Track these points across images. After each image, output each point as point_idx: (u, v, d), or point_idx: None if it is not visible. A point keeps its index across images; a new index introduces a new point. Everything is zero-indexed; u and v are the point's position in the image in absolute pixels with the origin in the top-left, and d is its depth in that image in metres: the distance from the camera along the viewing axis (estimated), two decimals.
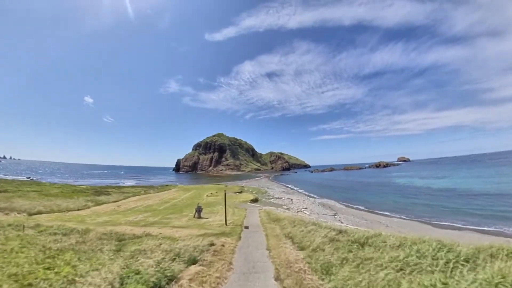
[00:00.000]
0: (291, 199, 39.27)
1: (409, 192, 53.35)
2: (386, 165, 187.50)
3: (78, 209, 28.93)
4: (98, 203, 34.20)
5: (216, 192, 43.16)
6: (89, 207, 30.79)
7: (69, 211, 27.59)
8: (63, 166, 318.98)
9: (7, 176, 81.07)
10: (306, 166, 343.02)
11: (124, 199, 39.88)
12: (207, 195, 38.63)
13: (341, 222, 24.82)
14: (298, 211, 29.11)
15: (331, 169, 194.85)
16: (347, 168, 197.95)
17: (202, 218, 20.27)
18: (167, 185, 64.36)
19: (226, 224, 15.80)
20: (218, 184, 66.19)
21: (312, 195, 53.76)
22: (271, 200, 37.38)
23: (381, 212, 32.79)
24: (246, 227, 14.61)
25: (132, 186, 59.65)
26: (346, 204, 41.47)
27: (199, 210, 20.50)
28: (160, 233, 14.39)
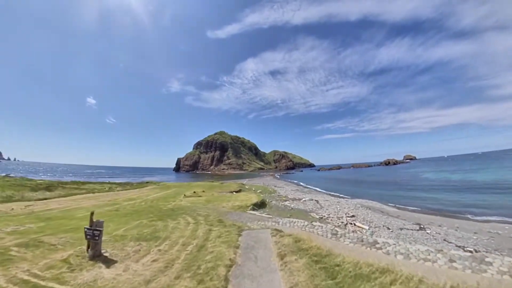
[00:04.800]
0: (317, 201, 25.10)
1: (459, 186, 41.81)
2: (396, 163, 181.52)
3: None
4: (9, 200, 23.37)
5: (203, 191, 29.17)
6: None
7: None
8: (64, 166, 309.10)
9: None
10: (311, 165, 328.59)
11: (61, 196, 27.22)
12: (185, 195, 24.68)
13: (465, 249, 10.74)
14: (346, 224, 15.00)
15: (339, 167, 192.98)
16: (355, 166, 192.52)
17: (103, 258, 6.36)
18: (147, 182, 50.81)
19: None
20: (212, 182, 52.13)
21: (337, 194, 39.64)
22: (286, 204, 23.24)
23: (478, 218, 20.62)
24: None
25: (101, 183, 46.29)
26: (393, 204, 29.40)
27: (92, 236, 6.57)
28: None
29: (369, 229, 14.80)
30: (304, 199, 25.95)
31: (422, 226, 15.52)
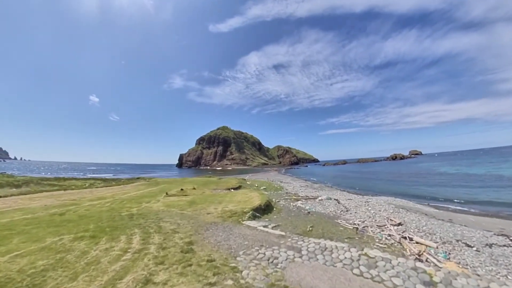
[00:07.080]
0: (337, 200, 19.54)
1: (488, 181, 37.12)
2: (403, 158, 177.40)
3: None
4: None
5: (193, 188, 23.83)
6: None
7: None
8: (68, 164, 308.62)
9: None
10: (315, 161, 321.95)
11: (22, 194, 22.49)
12: (166, 194, 19.37)
13: None
14: (399, 240, 9.46)
15: (344, 162, 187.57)
16: (361, 160, 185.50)
17: None
18: (138, 178, 45.85)
19: None
20: (209, 177, 46.87)
21: (354, 191, 33.94)
22: (299, 205, 17.73)
23: None
24: None
25: (85, 179, 41.47)
26: (427, 203, 23.80)
27: None
28: None
29: (437, 247, 9.25)
30: (320, 198, 20.41)
31: None
